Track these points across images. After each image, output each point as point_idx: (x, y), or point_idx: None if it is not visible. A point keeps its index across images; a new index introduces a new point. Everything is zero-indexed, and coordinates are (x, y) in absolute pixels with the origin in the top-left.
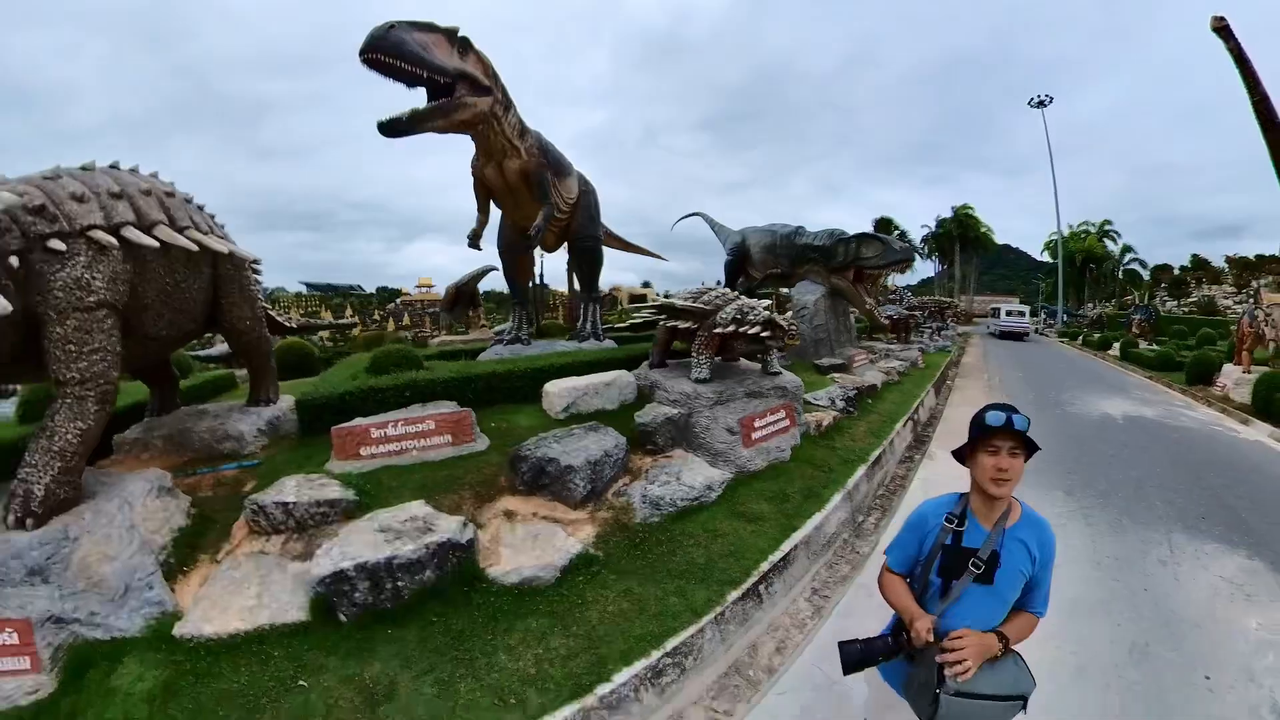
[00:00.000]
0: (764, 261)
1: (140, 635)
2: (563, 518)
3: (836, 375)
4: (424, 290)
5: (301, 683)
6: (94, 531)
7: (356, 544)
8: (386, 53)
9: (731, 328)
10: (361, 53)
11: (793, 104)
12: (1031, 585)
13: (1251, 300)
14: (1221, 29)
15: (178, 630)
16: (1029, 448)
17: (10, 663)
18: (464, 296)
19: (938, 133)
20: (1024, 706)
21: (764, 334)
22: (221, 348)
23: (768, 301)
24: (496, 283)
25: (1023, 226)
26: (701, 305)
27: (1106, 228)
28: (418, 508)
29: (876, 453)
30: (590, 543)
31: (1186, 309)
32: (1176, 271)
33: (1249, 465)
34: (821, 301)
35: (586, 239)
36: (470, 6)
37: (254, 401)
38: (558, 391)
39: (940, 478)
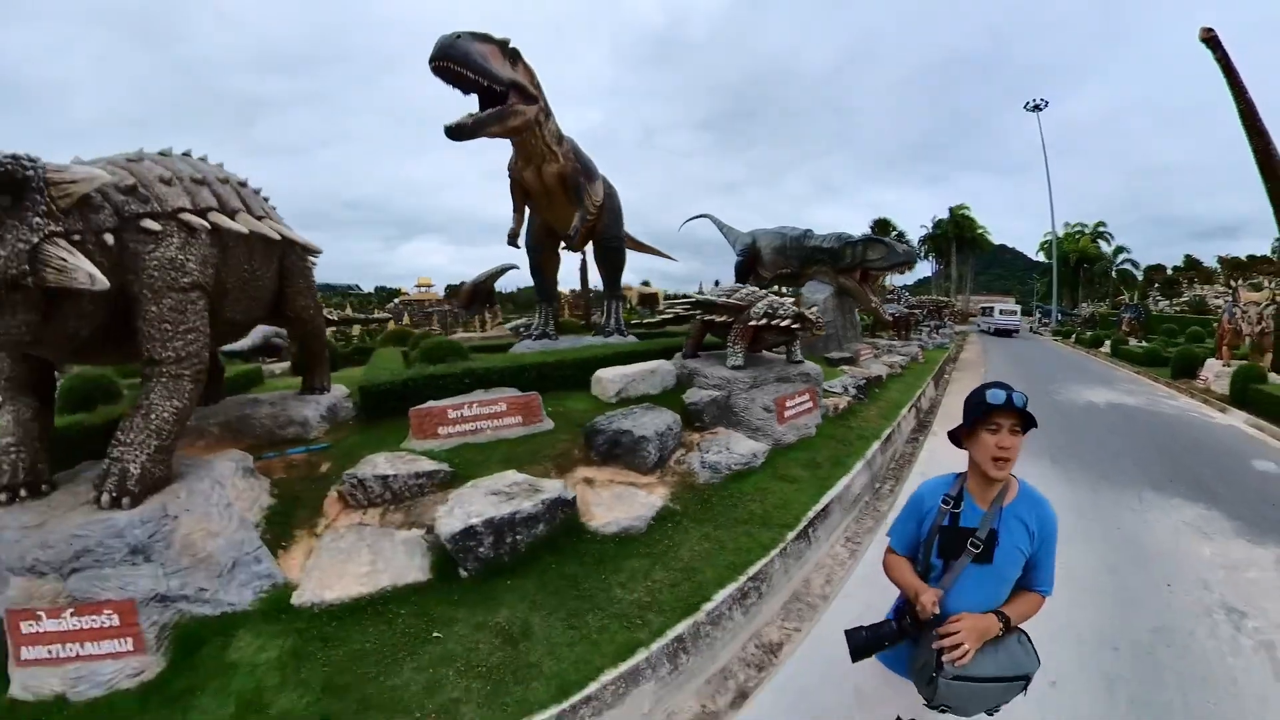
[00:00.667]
0: (774, 262)
1: (252, 608)
2: (637, 481)
3: (845, 367)
4: (423, 290)
5: (435, 634)
6: (193, 509)
7: (476, 504)
8: (455, 61)
9: (764, 321)
10: (432, 60)
11: (791, 104)
12: (1033, 563)
13: (1231, 299)
14: (1210, 40)
15: (296, 599)
16: (1026, 425)
17: (110, 645)
18: (481, 294)
19: (936, 133)
20: (1025, 687)
21: (795, 326)
22: (243, 343)
23: (793, 299)
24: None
25: (1019, 226)
26: (737, 301)
27: (1100, 229)
28: (514, 475)
29: (887, 431)
30: (667, 499)
31: (1178, 308)
32: (1169, 272)
33: (1218, 444)
34: (830, 300)
35: (612, 240)
36: (468, 3)
37: (309, 389)
38: (610, 378)
39: (944, 452)
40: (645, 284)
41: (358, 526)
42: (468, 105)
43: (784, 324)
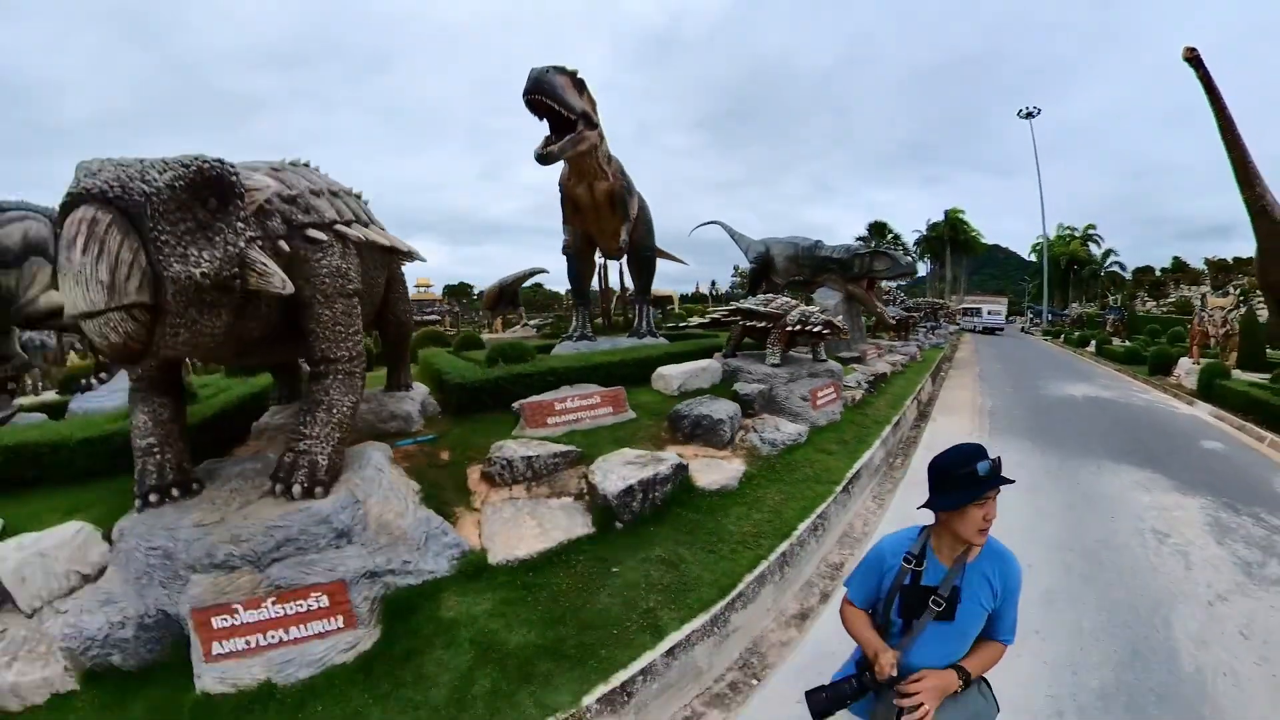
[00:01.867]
0: (787, 270)
1: (451, 573)
2: (716, 455)
3: (855, 365)
4: (422, 290)
5: (615, 570)
6: (373, 494)
7: (621, 471)
8: (545, 94)
9: (798, 326)
10: (527, 93)
11: (788, 103)
12: (996, 615)
13: (1200, 304)
14: (1192, 59)
15: (492, 559)
16: None
17: (319, 625)
18: (507, 296)
19: (932, 133)
20: None
21: (825, 331)
22: None
23: (817, 307)
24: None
25: (1013, 226)
26: (775, 310)
27: (1090, 232)
28: (632, 451)
29: (896, 418)
30: (744, 466)
31: (1165, 309)
32: (1158, 274)
33: (1176, 429)
34: (840, 305)
35: (646, 250)
36: (466, 1)
37: (394, 386)
38: (672, 374)
39: (942, 432)
40: None
41: (510, 500)
42: (468, 116)
43: (816, 329)
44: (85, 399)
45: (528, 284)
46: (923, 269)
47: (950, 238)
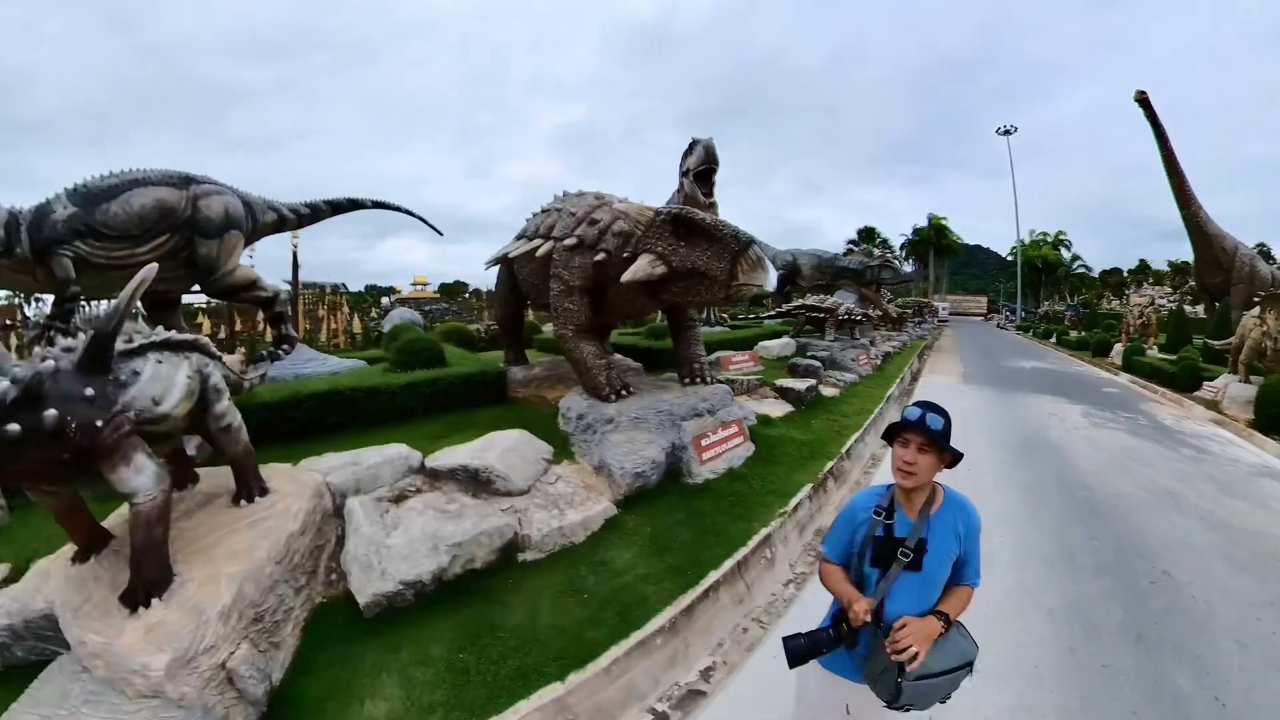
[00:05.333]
0: (811, 276)
1: (756, 422)
2: (819, 384)
3: (870, 345)
4: (419, 289)
5: (813, 421)
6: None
7: (799, 384)
8: (715, 163)
9: (847, 316)
10: (708, 163)
11: (777, 102)
12: (962, 562)
13: (1127, 300)
14: (1142, 101)
15: (772, 415)
16: (944, 449)
17: (736, 441)
18: None
19: (920, 133)
20: (971, 670)
21: (863, 320)
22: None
23: (853, 303)
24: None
25: (995, 227)
26: (830, 306)
27: (1060, 237)
28: (790, 379)
29: (901, 375)
30: (836, 390)
31: (1128, 307)
32: (1125, 275)
33: (1089, 383)
34: (856, 303)
35: None
36: None
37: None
38: (773, 346)
39: (935, 384)
40: None
41: (744, 399)
42: (455, 111)
43: (858, 318)
44: (265, 367)
45: None
46: (908, 269)
47: (935, 243)
